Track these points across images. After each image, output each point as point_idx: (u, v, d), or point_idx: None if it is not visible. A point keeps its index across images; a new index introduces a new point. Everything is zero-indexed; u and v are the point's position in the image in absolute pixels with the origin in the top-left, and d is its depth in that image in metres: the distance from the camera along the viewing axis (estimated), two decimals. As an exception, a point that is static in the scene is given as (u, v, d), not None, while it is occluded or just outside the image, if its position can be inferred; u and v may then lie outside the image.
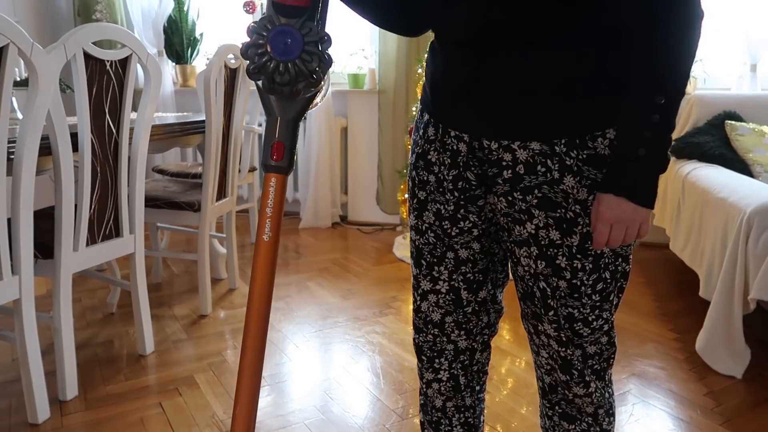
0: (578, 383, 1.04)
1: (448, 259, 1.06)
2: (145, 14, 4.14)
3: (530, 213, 0.94)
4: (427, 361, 1.14)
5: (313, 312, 2.62)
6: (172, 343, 2.30)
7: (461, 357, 1.13)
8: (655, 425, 1.76)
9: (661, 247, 3.69)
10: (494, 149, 0.94)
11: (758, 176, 2.81)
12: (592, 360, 1.02)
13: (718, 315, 2.08)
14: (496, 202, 0.98)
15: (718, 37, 3.58)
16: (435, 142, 1.01)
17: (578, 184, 0.91)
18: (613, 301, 1.00)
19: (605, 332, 1.01)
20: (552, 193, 0.92)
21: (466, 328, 1.11)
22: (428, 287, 1.10)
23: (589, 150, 0.90)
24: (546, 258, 0.95)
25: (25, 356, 1.69)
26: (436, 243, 1.06)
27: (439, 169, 1.01)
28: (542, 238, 0.95)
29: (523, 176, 0.92)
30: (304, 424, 1.76)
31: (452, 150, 0.98)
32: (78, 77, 1.73)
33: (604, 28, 0.87)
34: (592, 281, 0.96)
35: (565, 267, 0.95)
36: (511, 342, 2.33)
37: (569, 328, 0.99)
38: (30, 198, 1.62)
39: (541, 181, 0.92)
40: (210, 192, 2.50)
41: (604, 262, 0.95)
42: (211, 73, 2.37)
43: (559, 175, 0.91)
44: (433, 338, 1.12)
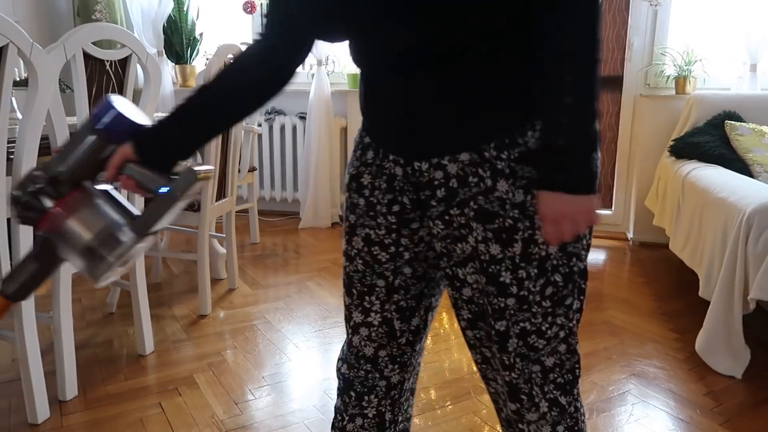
0: (529, 409, 0.96)
1: (379, 288, 1.02)
2: (145, 14, 4.14)
3: (470, 226, 0.89)
4: (356, 397, 1.09)
5: (312, 312, 2.62)
6: (171, 343, 2.30)
7: (392, 392, 1.09)
8: (654, 425, 1.76)
9: (661, 246, 3.69)
10: (425, 170, 0.90)
11: (758, 176, 2.81)
12: (554, 374, 0.95)
13: (718, 315, 2.08)
14: (432, 227, 0.94)
15: (717, 37, 3.58)
16: (372, 166, 0.98)
17: (512, 186, 0.87)
18: (571, 306, 0.94)
19: (562, 339, 0.94)
20: (488, 203, 0.87)
21: (400, 361, 1.08)
22: (360, 319, 1.06)
23: (520, 147, 0.86)
24: (488, 275, 0.90)
25: (25, 356, 1.69)
26: (365, 270, 1.02)
27: (371, 192, 0.98)
28: (482, 253, 0.89)
29: (457, 190, 0.89)
30: (304, 424, 1.76)
31: (389, 174, 0.96)
32: (77, 77, 1.73)
33: (515, 29, 0.84)
34: (539, 287, 0.90)
35: (510, 282, 0.89)
36: (511, 342, 2.33)
37: (524, 344, 0.92)
38: (30, 198, 1.61)
39: (475, 192, 0.88)
40: (210, 192, 2.50)
41: (551, 264, 0.90)
42: (211, 73, 2.37)
43: (492, 182, 0.87)
44: (365, 374, 1.08)
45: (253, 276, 3.10)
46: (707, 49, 3.57)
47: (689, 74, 3.49)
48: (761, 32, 3.33)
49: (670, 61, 3.58)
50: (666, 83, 3.66)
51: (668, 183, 3.10)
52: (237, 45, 2.54)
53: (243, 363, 2.14)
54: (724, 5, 3.52)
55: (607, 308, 2.70)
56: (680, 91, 3.53)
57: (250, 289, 2.91)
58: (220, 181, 2.65)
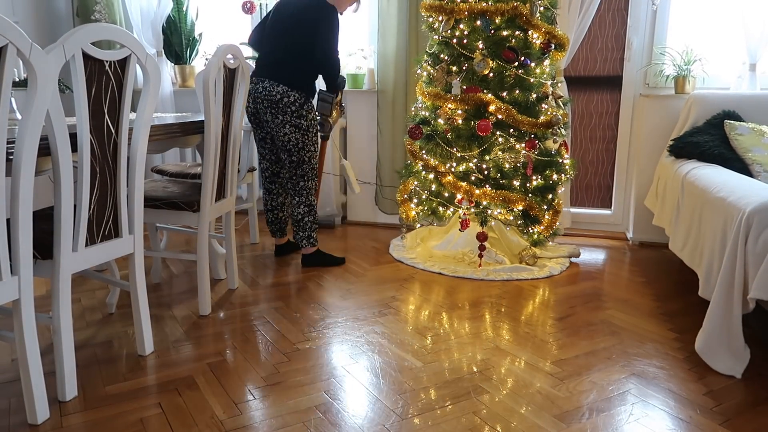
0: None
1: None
2: (144, 14, 4.14)
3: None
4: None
5: (312, 312, 2.62)
6: (171, 343, 2.30)
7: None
8: (654, 425, 1.77)
9: (661, 246, 3.69)
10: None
11: (757, 176, 2.81)
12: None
13: (718, 314, 2.08)
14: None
15: (717, 36, 3.58)
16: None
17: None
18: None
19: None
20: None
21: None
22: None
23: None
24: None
25: (25, 357, 1.69)
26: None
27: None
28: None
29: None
30: (304, 424, 1.76)
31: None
32: (77, 78, 1.73)
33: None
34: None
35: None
36: (511, 342, 2.34)
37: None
38: (29, 198, 1.62)
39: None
40: (209, 192, 2.50)
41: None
42: (210, 74, 2.37)
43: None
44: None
45: (253, 276, 3.10)
46: (707, 49, 3.57)
47: (688, 74, 3.49)
48: (761, 32, 3.33)
49: (670, 61, 3.58)
50: (665, 83, 3.66)
51: (668, 183, 3.10)
52: (236, 45, 2.53)
53: (243, 363, 2.14)
54: (723, 5, 3.52)
55: (606, 308, 2.70)
56: (680, 90, 3.54)
57: (249, 289, 2.91)
58: (220, 182, 2.64)
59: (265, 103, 2.99)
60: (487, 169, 3.20)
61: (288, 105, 2.97)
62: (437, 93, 3.22)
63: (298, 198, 3.16)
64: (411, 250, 3.53)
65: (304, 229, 3.19)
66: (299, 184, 3.14)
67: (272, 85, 2.96)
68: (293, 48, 2.99)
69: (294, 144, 3.04)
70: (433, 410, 1.84)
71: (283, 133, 3.02)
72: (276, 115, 2.99)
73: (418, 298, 2.81)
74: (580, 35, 3.66)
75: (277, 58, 3.00)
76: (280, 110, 2.98)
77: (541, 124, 3.12)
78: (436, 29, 3.30)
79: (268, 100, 2.97)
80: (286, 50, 2.99)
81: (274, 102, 2.97)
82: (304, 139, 3.04)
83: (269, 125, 3.05)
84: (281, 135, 3.02)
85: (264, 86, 2.98)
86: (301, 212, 3.17)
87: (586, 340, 2.35)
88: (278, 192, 3.31)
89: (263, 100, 2.98)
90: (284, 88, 2.96)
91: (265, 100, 2.98)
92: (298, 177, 3.12)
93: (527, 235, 3.34)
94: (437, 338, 2.36)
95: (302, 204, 3.16)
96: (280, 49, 3.00)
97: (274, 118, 3.00)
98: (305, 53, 2.98)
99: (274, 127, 3.03)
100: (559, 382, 2.02)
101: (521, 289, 2.96)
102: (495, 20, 3.13)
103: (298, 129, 3.02)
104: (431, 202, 3.42)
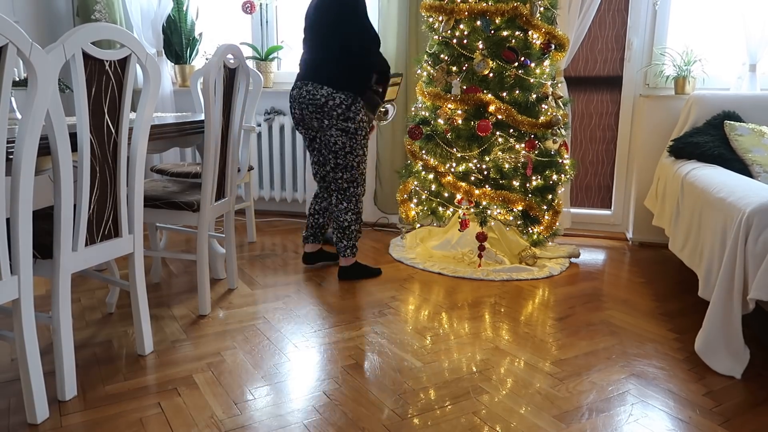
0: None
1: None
2: (144, 14, 4.14)
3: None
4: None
5: (312, 312, 2.62)
6: (171, 343, 2.30)
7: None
8: (654, 425, 1.77)
9: (660, 247, 3.69)
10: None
11: (757, 176, 2.81)
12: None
13: (718, 315, 2.08)
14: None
15: (717, 37, 3.58)
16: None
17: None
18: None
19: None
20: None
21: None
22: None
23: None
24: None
25: (24, 356, 1.69)
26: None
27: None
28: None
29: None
30: (304, 424, 1.76)
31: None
32: (77, 77, 1.73)
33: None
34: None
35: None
36: (511, 342, 2.34)
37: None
38: (29, 198, 1.62)
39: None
40: (209, 192, 2.50)
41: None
42: (210, 73, 2.37)
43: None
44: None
45: (253, 276, 3.10)
46: (707, 49, 3.57)
47: (688, 74, 3.50)
48: (761, 32, 3.33)
49: (670, 61, 3.58)
50: (665, 83, 3.66)
51: (667, 183, 3.10)
52: (236, 45, 2.53)
53: (242, 363, 2.14)
54: (723, 5, 3.52)
55: (606, 308, 2.70)
56: (680, 91, 3.54)
57: (249, 289, 2.91)
58: (220, 181, 2.64)
59: (310, 107, 2.83)
60: (486, 170, 3.20)
61: (333, 108, 2.78)
62: (437, 93, 3.22)
63: (346, 204, 2.98)
64: (411, 250, 3.53)
65: (348, 237, 3.01)
66: (348, 190, 2.96)
67: (315, 87, 2.80)
68: (328, 44, 2.81)
69: (341, 148, 2.86)
70: (432, 410, 1.84)
71: (329, 135, 2.85)
72: (322, 119, 2.83)
73: (418, 298, 2.81)
74: (580, 35, 3.66)
75: (317, 59, 2.85)
76: (325, 114, 2.81)
77: (541, 124, 3.12)
78: (436, 29, 3.30)
79: (313, 104, 2.81)
80: (322, 48, 2.83)
81: (318, 106, 2.80)
82: (351, 143, 2.86)
83: (315, 129, 2.93)
84: (328, 138, 2.87)
85: (308, 90, 2.82)
86: (349, 219, 2.98)
87: (585, 341, 2.35)
88: (323, 197, 3.14)
89: (308, 104, 2.83)
90: (329, 90, 2.78)
91: (310, 104, 2.82)
92: (347, 182, 2.94)
93: (527, 235, 3.34)
94: (437, 338, 2.36)
95: (350, 211, 2.98)
96: (316, 48, 2.85)
97: (321, 123, 2.85)
98: (341, 47, 2.79)
99: (320, 131, 2.90)
100: (558, 382, 2.02)
101: (521, 289, 2.96)
102: (495, 20, 3.13)
103: (345, 133, 2.83)
104: (431, 202, 3.42)
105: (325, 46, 2.82)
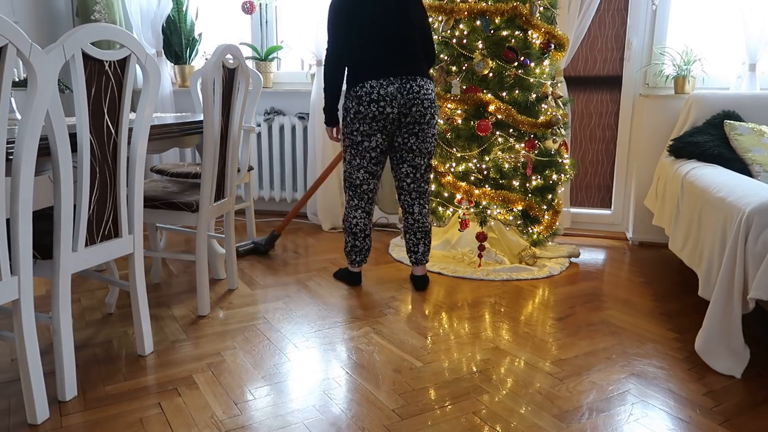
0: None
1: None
2: (144, 14, 4.14)
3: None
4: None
5: (312, 312, 2.62)
6: (171, 343, 2.30)
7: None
8: (654, 425, 1.77)
9: (660, 246, 3.69)
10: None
11: (757, 175, 2.81)
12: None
13: (717, 314, 2.08)
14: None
15: (717, 36, 3.58)
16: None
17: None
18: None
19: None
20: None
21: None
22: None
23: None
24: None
25: (24, 357, 1.69)
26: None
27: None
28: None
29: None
30: (304, 424, 1.76)
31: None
32: (77, 78, 1.73)
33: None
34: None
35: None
36: (511, 342, 2.34)
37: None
38: (29, 198, 1.62)
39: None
40: (208, 192, 2.50)
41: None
42: (209, 74, 2.37)
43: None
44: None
45: (253, 276, 3.10)
46: (706, 49, 3.57)
47: (688, 74, 3.50)
48: (761, 32, 3.33)
49: (669, 61, 3.58)
50: (665, 83, 3.66)
51: (667, 183, 3.10)
52: (236, 45, 2.53)
53: (242, 363, 2.14)
54: (723, 5, 3.52)
55: (606, 308, 2.70)
56: (679, 90, 3.54)
57: (249, 289, 2.91)
58: (219, 182, 2.64)
59: (425, 103, 2.62)
60: (486, 169, 3.20)
61: (436, 102, 2.72)
62: (437, 93, 3.22)
63: (427, 206, 2.85)
64: (411, 250, 3.53)
65: (429, 241, 2.91)
66: (427, 192, 2.84)
67: (426, 82, 2.64)
68: (414, 38, 2.65)
69: (434, 145, 2.76)
70: (432, 410, 1.83)
71: (432, 134, 2.71)
72: (434, 115, 2.68)
73: (418, 298, 2.81)
74: (579, 35, 3.66)
75: (412, 52, 2.63)
76: (437, 110, 2.70)
77: (541, 124, 3.12)
78: (436, 29, 3.30)
79: (429, 99, 2.64)
80: (414, 41, 2.65)
81: (432, 100, 2.65)
82: (437, 138, 2.80)
83: (415, 128, 2.67)
84: (430, 137, 2.71)
85: (419, 84, 2.60)
86: (430, 223, 2.88)
87: (585, 340, 2.35)
88: (373, 213, 2.89)
89: (423, 100, 2.61)
90: (432, 84, 2.69)
91: (425, 99, 2.62)
92: (428, 183, 2.83)
93: (527, 235, 3.34)
94: (437, 338, 2.36)
95: (429, 213, 2.88)
96: (407, 41, 2.62)
97: (431, 119, 2.68)
98: (420, 39, 2.70)
99: (426, 129, 2.68)
100: (558, 382, 2.02)
101: (521, 289, 2.96)
102: (495, 20, 3.13)
103: (436, 128, 2.76)
104: (431, 202, 3.42)
105: (417, 41, 2.66)
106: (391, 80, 2.57)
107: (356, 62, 2.62)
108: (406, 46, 2.61)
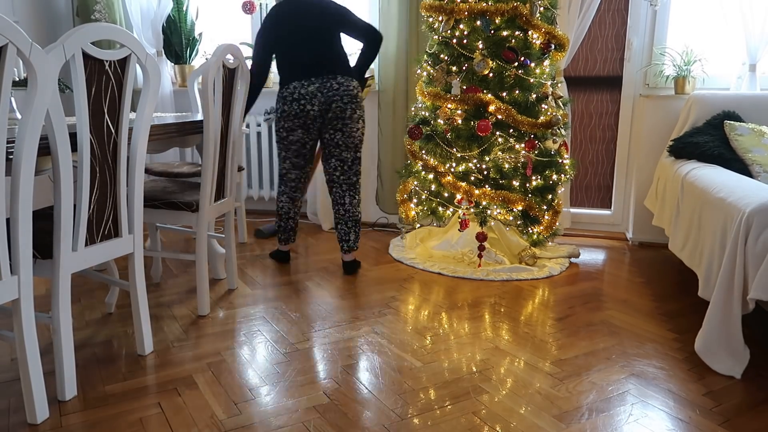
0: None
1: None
2: (144, 14, 4.14)
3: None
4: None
5: (312, 312, 2.62)
6: (171, 343, 2.30)
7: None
8: (654, 425, 1.77)
9: (660, 246, 3.69)
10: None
11: (757, 176, 2.81)
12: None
13: (717, 315, 2.08)
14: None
15: (717, 37, 3.58)
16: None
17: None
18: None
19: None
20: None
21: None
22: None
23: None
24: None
25: (24, 356, 1.69)
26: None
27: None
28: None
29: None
30: (304, 424, 1.76)
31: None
32: (77, 77, 1.73)
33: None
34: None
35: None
36: (511, 342, 2.34)
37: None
38: (29, 198, 1.62)
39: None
40: (208, 192, 2.50)
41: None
42: (209, 74, 2.37)
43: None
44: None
45: (253, 276, 3.10)
46: (706, 49, 3.57)
47: (688, 74, 3.50)
48: (761, 32, 3.33)
49: (670, 61, 3.58)
50: (665, 83, 3.66)
51: (667, 183, 3.10)
52: (236, 45, 2.53)
53: (242, 363, 2.14)
54: (723, 5, 3.52)
55: (606, 308, 2.70)
56: (679, 91, 3.54)
57: (249, 289, 2.91)
58: (219, 182, 2.64)
59: (345, 98, 2.86)
60: (486, 170, 3.20)
61: (360, 98, 2.94)
62: (437, 93, 3.22)
63: (357, 197, 3.10)
64: (411, 250, 3.53)
65: (359, 229, 3.16)
66: (358, 183, 3.09)
67: (347, 79, 2.87)
68: (333, 39, 2.91)
69: (359, 139, 3.00)
70: (432, 410, 1.84)
71: (356, 128, 2.95)
72: (355, 110, 2.91)
73: (418, 298, 2.81)
74: (580, 35, 3.66)
75: (331, 54, 2.89)
76: (358, 105, 2.91)
77: (541, 124, 3.12)
78: (436, 29, 3.30)
79: (348, 95, 2.87)
80: (330, 44, 2.90)
81: (353, 96, 2.88)
82: (364, 131, 3.03)
83: (338, 124, 2.92)
84: (354, 131, 2.95)
85: (339, 82, 2.86)
86: (360, 212, 3.13)
87: (585, 341, 2.35)
88: (300, 199, 3.18)
89: (342, 96, 2.86)
90: (355, 82, 2.91)
91: (344, 95, 2.86)
92: (357, 175, 3.07)
93: (527, 235, 3.34)
94: (437, 338, 2.36)
95: (359, 203, 3.13)
96: (324, 44, 2.88)
97: (353, 114, 2.91)
98: (338, 41, 2.94)
99: (349, 124, 2.92)
100: (558, 382, 2.02)
101: (521, 289, 2.96)
102: (495, 20, 3.13)
103: (364, 122, 3.00)
104: (431, 202, 3.42)
105: (327, 43, 2.90)
106: (312, 80, 2.84)
107: (282, 67, 2.93)
108: (323, 48, 2.88)
